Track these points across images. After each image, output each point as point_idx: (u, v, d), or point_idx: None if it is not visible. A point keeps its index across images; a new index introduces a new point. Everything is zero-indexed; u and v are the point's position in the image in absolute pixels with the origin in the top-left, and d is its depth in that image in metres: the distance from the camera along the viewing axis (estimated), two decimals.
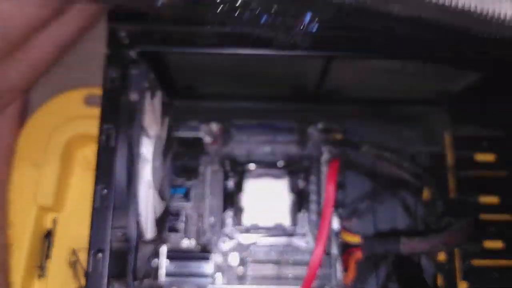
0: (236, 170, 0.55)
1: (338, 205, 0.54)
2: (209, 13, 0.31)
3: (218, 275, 0.53)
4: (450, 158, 0.57)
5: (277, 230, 0.53)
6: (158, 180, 0.47)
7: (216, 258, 0.53)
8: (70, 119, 0.57)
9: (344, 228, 0.52)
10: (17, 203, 0.54)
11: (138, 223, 0.42)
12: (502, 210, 0.55)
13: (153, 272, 0.50)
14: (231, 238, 0.54)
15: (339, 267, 0.52)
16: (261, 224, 0.53)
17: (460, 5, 0.26)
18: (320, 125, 0.57)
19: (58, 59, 0.51)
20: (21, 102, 0.53)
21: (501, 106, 0.56)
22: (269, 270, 0.53)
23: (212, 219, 0.55)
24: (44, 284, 0.54)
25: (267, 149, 0.57)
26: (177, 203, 0.54)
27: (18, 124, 0.55)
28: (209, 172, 0.56)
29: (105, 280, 0.37)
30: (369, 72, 0.47)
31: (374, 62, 0.44)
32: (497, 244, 0.55)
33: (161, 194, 0.49)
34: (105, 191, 0.39)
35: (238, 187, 0.55)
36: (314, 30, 0.32)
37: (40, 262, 0.55)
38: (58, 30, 0.46)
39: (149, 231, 0.45)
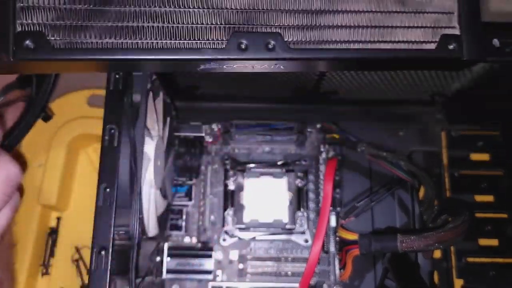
0: (236, 169, 0.56)
1: (335, 203, 0.54)
2: None
3: (219, 272, 0.54)
4: (445, 158, 0.57)
5: (276, 228, 0.54)
6: (160, 179, 0.47)
7: (216, 255, 0.54)
8: (73, 120, 0.58)
9: (341, 226, 0.53)
10: (21, 202, 0.55)
11: (140, 222, 0.42)
12: (497, 209, 0.56)
13: (155, 269, 0.51)
14: (231, 235, 0.54)
15: (337, 264, 0.53)
16: (261, 222, 0.54)
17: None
18: (318, 125, 0.58)
19: None
20: None
21: (496, 106, 0.56)
22: (269, 267, 0.54)
23: (212, 217, 0.55)
24: (48, 281, 0.55)
25: (266, 148, 0.58)
26: (179, 202, 0.55)
27: None
28: (210, 171, 0.57)
29: (108, 278, 0.37)
30: (366, 74, 0.47)
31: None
32: (492, 242, 0.55)
33: (163, 193, 0.49)
34: (108, 190, 0.39)
35: (238, 186, 0.55)
36: None
37: (44, 260, 0.55)
38: None
39: (151, 229, 0.45)
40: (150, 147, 0.44)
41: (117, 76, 0.40)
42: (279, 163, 0.57)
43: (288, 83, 0.51)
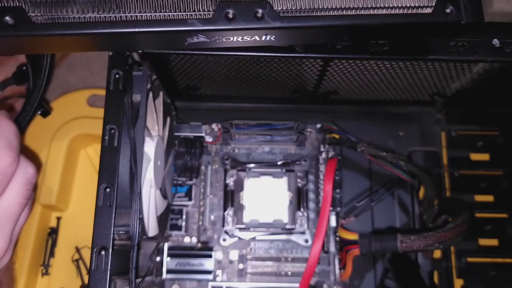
0: (236, 169, 0.56)
1: (335, 203, 0.54)
2: None
3: (219, 272, 0.54)
4: (445, 158, 0.57)
5: (276, 228, 0.54)
6: (160, 179, 0.47)
7: (216, 255, 0.54)
8: (73, 120, 0.58)
9: (341, 226, 0.53)
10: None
11: (140, 221, 0.41)
12: (497, 209, 0.56)
13: (155, 269, 0.51)
14: (231, 235, 0.54)
15: (337, 264, 0.53)
16: (261, 222, 0.54)
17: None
18: (318, 125, 0.58)
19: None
20: None
21: (496, 106, 0.56)
22: (269, 267, 0.54)
23: (213, 217, 0.55)
24: (48, 281, 0.55)
25: (266, 148, 0.58)
26: (179, 202, 0.55)
27: None
28: (210, 171, 0.57)
29: (108, 278, 0.37)
30: (366, 74, 0.47)
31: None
32: (492, 242, 0.55)
33: (163, 193, 0.49)
34: (108, 190, 0.39)
35: (238, 186, 0.55)
36: None
37: (44, 260, 0.55)
38: None
39: (151, 229, 0.45)
40: (150, 147, 0.44)
41: (117, 76, 0.40)
42: (279, 163, 0.57)
43: (288, 83, 0.51)
